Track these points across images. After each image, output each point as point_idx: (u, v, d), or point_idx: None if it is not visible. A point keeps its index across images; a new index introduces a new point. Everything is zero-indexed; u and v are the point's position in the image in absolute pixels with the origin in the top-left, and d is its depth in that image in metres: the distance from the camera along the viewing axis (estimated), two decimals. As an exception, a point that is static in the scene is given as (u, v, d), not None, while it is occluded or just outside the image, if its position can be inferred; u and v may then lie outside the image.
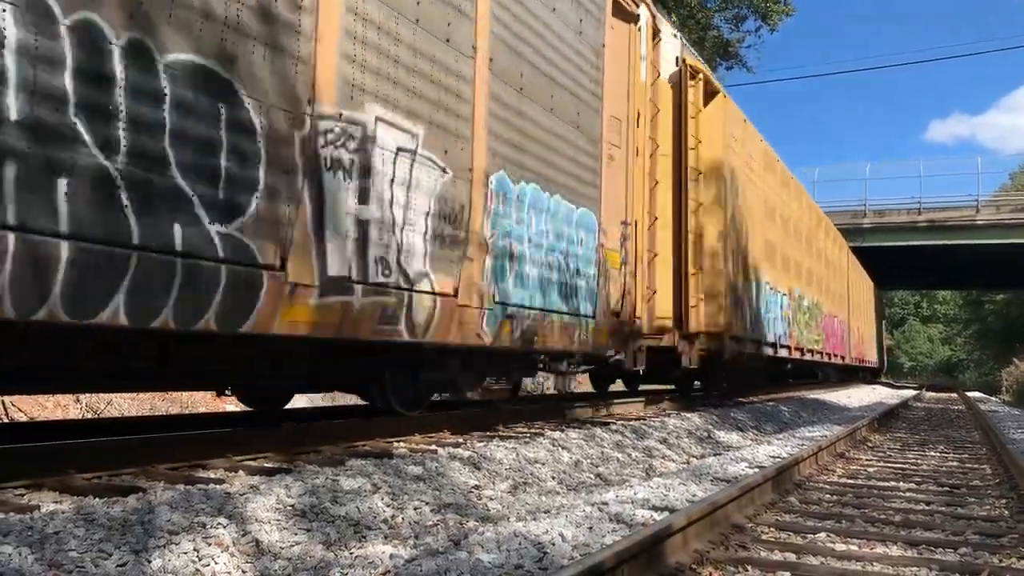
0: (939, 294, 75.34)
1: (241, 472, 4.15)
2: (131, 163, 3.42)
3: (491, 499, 4.33)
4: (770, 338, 13.90)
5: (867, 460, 7.06)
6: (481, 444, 5.51)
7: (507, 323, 6.21)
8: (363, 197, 4.78)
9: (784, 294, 15.24)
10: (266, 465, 4.39)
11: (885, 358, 41.18)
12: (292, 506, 3.44)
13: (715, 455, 7.22)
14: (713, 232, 10.95)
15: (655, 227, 9.43)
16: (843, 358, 23.29)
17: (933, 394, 29.64)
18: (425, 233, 5.34)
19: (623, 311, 8.23)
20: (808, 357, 17.69)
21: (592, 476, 5.58)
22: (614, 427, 7.26)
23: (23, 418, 8.25)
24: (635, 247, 8.63)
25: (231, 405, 10.82)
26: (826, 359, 20.61)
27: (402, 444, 5.51)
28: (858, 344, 27.28)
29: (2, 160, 2.98)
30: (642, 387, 13.50)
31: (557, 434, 6.30)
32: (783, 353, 15.01)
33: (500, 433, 6.43)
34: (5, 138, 2.99)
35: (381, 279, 4.91)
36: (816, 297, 19.15)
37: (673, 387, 13.24)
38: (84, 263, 3.22)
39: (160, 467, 4.09)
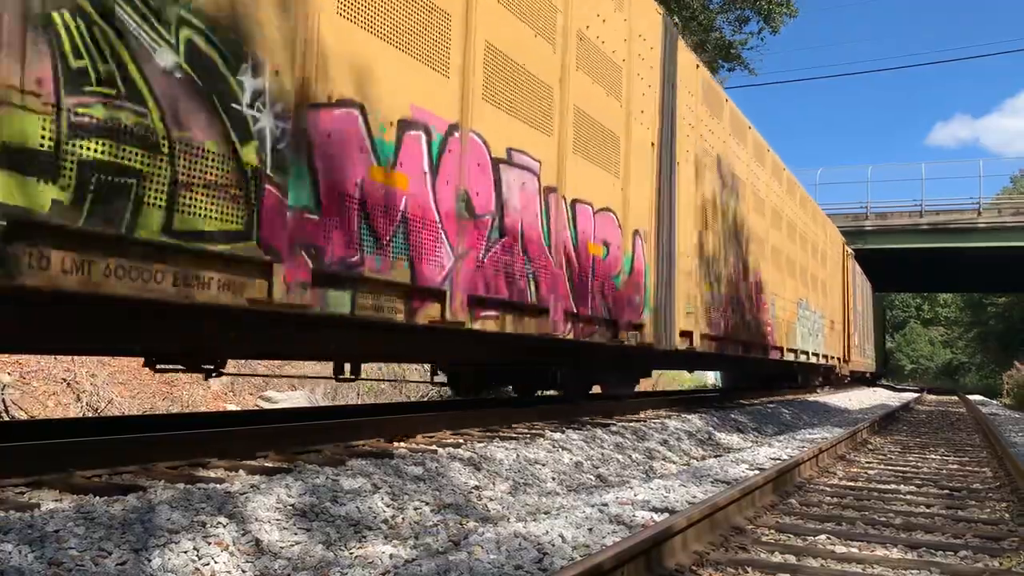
0: (940, 297, 75.32)
1: (241, 471, 4.14)
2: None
3: (491, 500, 4.33)
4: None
5: (867, 462, 7.05)
6: (481, 444, 5.50)
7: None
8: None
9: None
10: (266, 465, 4.39)
11: (886, 359, 40.64)
12: (292, 506, 3.44)
13: (715, 457, 7.22)
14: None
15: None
16: (632, 330, 7.96)
17: (934, 397, 29.68)
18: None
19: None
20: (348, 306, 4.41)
21: (592, 477, 5.58)
22: (614, 428, 7.25)
23: (23, 416, 8.26)
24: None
25: (232, 404, 10.82)
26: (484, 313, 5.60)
27: (402, 444, 5.50)
28: (761, 315, 13.16)
29: None
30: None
31: (558, 435, 6.29)
32: None
33: (500, 433, 6.42)
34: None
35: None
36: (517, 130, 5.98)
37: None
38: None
39: (160, 466, 4.09)
